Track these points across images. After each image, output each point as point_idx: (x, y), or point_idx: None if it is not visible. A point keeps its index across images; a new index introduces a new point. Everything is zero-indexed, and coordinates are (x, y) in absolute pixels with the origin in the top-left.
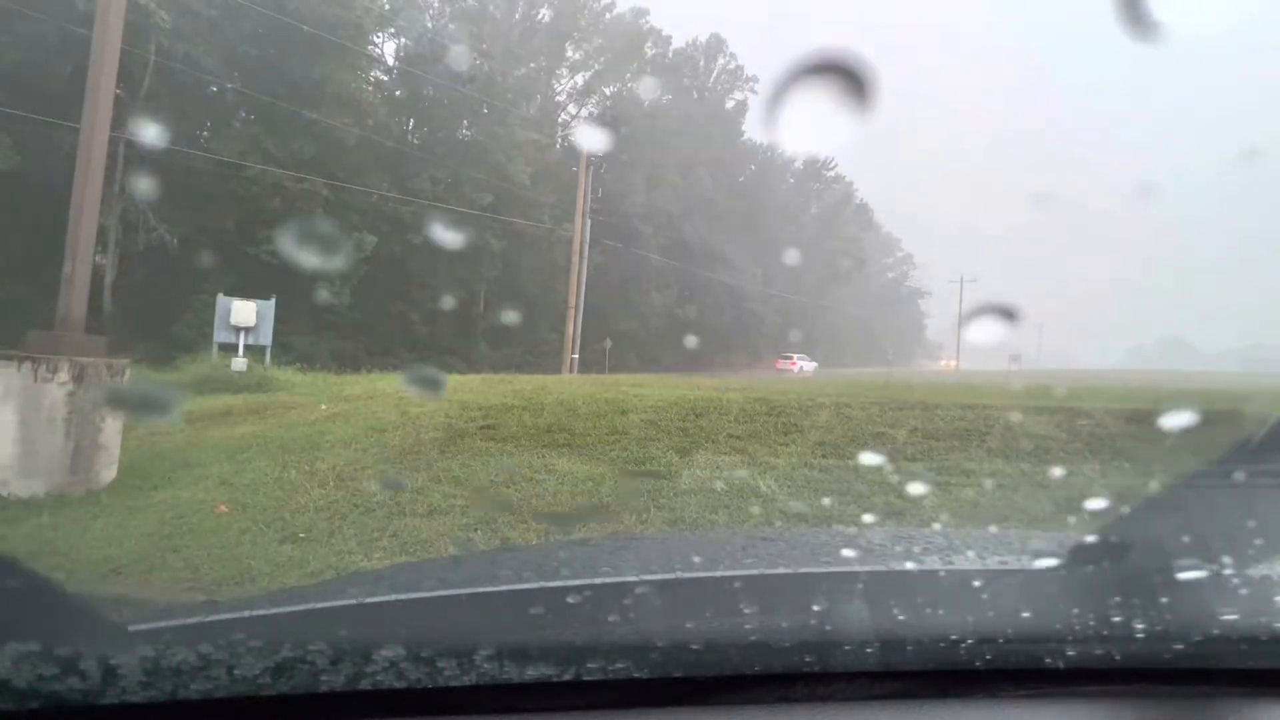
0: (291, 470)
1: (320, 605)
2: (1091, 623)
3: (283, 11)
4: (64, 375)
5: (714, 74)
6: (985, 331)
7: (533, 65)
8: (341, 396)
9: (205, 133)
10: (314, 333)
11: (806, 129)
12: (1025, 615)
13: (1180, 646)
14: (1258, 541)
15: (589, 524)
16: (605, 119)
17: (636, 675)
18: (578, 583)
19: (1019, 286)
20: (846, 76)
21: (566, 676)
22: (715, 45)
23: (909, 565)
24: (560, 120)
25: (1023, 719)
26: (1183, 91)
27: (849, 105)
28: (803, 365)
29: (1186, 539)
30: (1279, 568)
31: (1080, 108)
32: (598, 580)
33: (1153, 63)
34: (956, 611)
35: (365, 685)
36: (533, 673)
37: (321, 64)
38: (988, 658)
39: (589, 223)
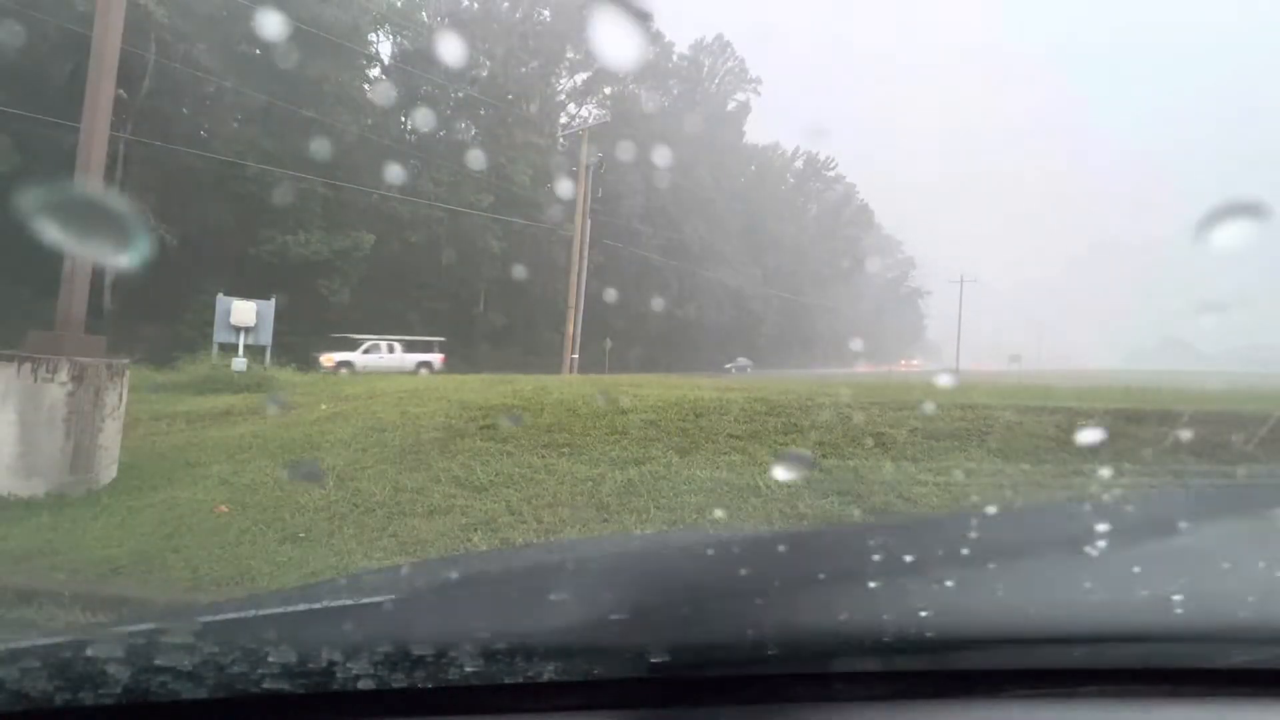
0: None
1: (320, 605)
2: (1092, 623)
3: (282, 11)
4: (64, 375)
5: (718, 76)
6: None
7: (533, 65)
8: (341, 396)
9: (204, 132)
10: (314, 333)
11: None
12: (1025, 615)
13: (1180, 647)
14: (1257, 541)
15: (589, 524)
16: (605, 119)
17: (636, 675)
18: (578, 583)
19: (1020, 287)
20: None
21: (566, 676)
22: (719, 47)
23: (909, 565)
24: (560, 120)
25: (1023, 719)
26: (1187, 92)
27: None
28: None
29: (1185, 538)
30: (1277, 567)
31: (1083, 108)
32: (598, 580)
33: (1156, 63)
34: (956, 611)
35: (365, 685)
36: (532, 673)
37: (320, 63)
38: (988, 658)
39: (589, 223)
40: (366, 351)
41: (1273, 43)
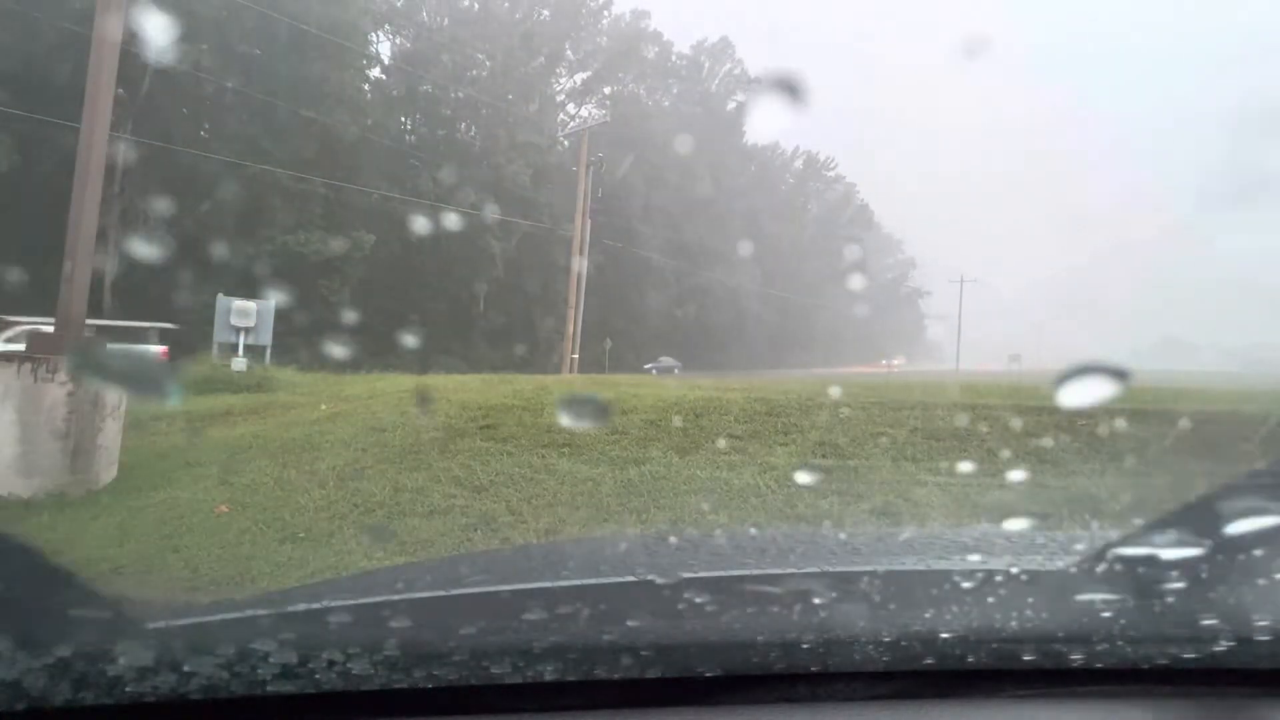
0: (291, 470)
1: (320, 605)
2: (1092, 623)
3: (282, 11)
4: (64, 375)
5: (718, 76)
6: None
7: (533, 65)
8: (341, 396)
9: (204, 133)
10: (314, 332)
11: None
12: (1026, 615)
13: (1180, 647)
14: (1254, 542)
15: (589, 524)
16: (605, 119)
17: (636, 675)
18: (578, 583)
19: (1020, 287)
20: None
21: (567, 677)
22: (720, 48)
23: (909, 565)
24: (560, 120)
25: (1023, 719)
26: (1185, 92)
27: None
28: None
29: (1187, 539)
30: (1276, 567)
31: (1083, 109)
32: (598, 580)
33: (1155, 63)
34: (957, 611)
35: (366, 685)
36: (533, 673)
37: (320, 63)
38: (988, 658)
39: (589, 223)
40: (11, 340)
41: (1274, 44)
